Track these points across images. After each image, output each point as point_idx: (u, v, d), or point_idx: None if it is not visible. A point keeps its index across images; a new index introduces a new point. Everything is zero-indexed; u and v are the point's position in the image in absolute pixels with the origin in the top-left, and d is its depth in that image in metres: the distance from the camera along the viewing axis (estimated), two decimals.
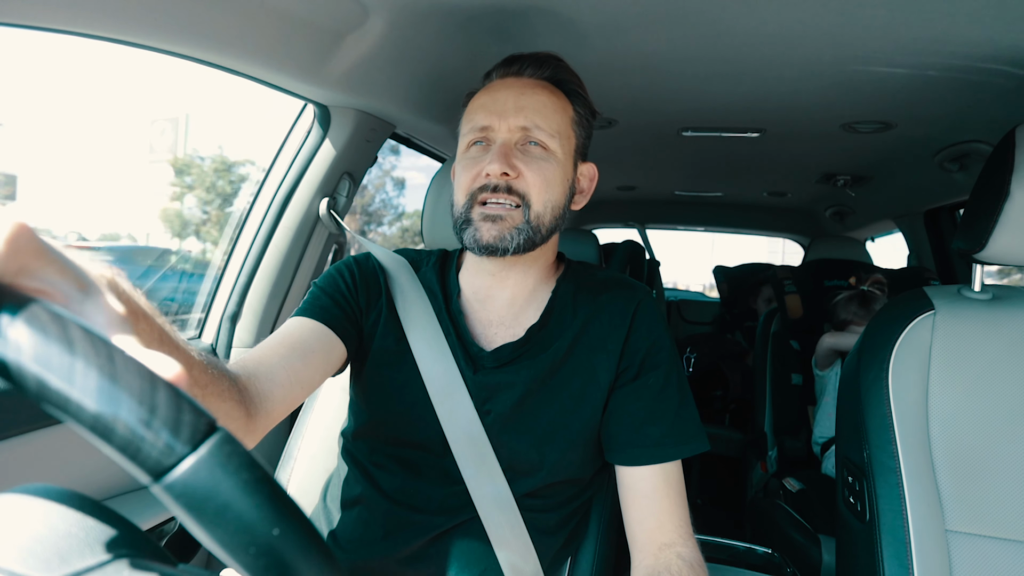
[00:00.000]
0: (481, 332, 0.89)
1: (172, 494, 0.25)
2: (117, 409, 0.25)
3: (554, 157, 0.84)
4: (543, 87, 0.86)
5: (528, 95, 0.84)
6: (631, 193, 3.27)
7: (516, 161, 0.82)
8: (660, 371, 0.86)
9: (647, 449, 0.83)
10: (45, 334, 0.25)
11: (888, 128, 1.62)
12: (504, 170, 0.80)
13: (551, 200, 0.84)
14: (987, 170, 0.97)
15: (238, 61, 1.02)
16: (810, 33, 1.06)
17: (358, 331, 0.88)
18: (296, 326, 0.81)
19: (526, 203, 0.82)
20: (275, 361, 0.74)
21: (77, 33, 0.82)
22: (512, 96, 0.84)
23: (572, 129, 0.87)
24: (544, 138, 0.83)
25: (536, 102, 0.84)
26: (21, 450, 0.90)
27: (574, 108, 0.89)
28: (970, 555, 0.91)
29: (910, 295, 1.03)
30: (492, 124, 0.84)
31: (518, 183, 0.82)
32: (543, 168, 0.83)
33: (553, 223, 0.85)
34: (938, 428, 0.95)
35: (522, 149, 0.83)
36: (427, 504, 0.86)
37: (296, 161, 1.40)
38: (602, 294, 0.90)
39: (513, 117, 0.83)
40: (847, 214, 3.02)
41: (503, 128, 0.83)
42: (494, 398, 0.85)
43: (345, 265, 0.91)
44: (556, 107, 0.85)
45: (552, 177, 0.83)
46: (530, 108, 0.83)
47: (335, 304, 0.85)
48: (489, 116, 0.84)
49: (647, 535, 0.81)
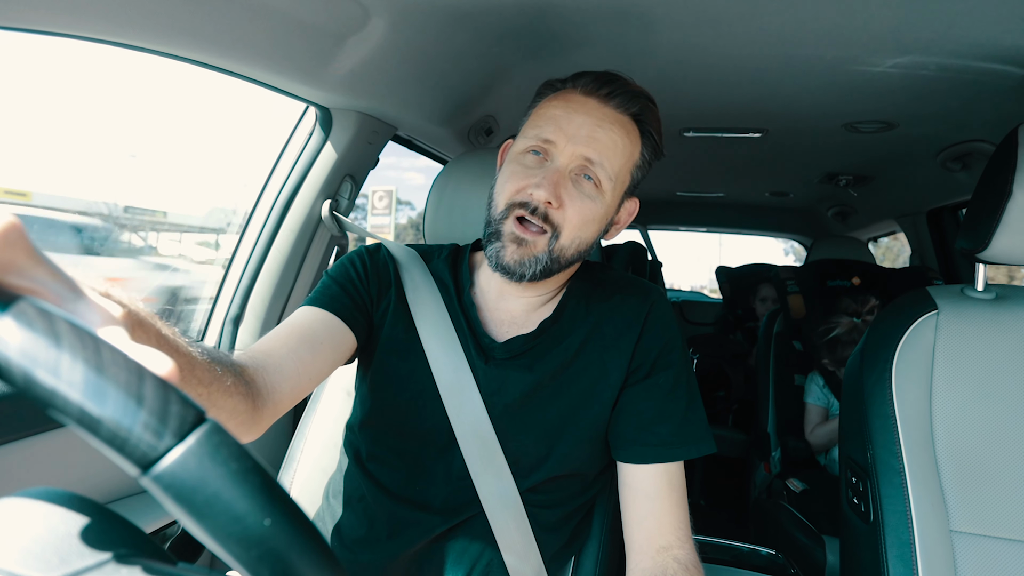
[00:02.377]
0: (493, 326, 0.89)
1: (160, 485, 0.25)
2: (103, 401, 0.25)
3: (602, 198, 0.82)
4: (621, 124, 0.82)
5: (605, 128, 0.81)
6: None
7: (562, 192, 0.80)
8: (671, 371, 0.86)
9: (653, 448, 0.83)
10: (31, 328, 0.25)
11: (890, 128, 1.62)
12: (549, 199, 0.78)
13: (581, 237, 0.82)
14: (989, 169, 0.97)
15: (240, 64, 1.02)
16: (811, 33, 1.06)
17: (368, 320, 0.88)
18: (306, 316, 0.81)
19: (555, 234, 0.80)
20: (284, 353, 0.74)
21: (79, 37, 0.83)
22: (588, 123, 0.80)
23: (631, 172, 0.86)
24: (602, 177, 0.81)
25: (609, 140, 0.80)
26: (24, 454, 0.90)
27: (642, 151, 0.86)
28: (974, 555, 0.90)
29: (913, 295, 1.03)
30: (558, 142, 0.80)
31: (556, 214, 0.80)
32: (586, 208, 0.81)
33: (575, 256, 0.84)
34: (942, 428, 0.94)
35: (574, 180, 0.81)
36: (431, 501, 0.86)
37: (298, 163, 1.40)
38: (615, 294, 0.91)
39: (583, 146, 0.80)
40: (849, 214, 3.01)
41: (567, 152, 0.80)
42: (503, 390, 0.85)
43: (356, 254, 0.91)
44: (625, 150, 0.82)
45: (591, 217, 0.82)
46: (601, 142, 0.80)
47: (345, 293, 0.85)
48: (558, 133, 0.81)
49: (645, 536, 0.81)
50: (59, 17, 0.76)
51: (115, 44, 0.88)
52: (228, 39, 0.94)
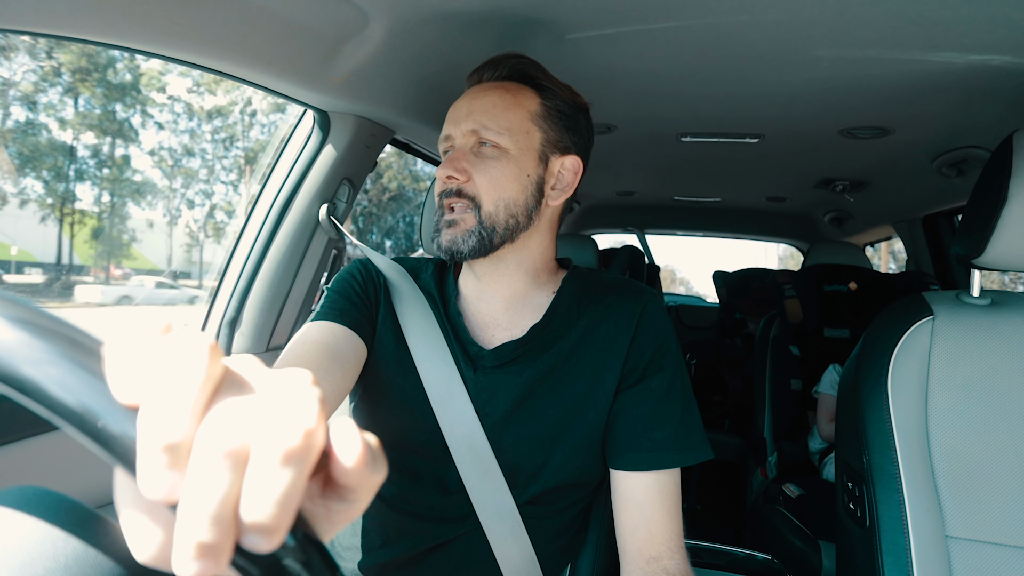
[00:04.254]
0: (480, 333, 0.88)
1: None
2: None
3: (506, 155, 0.83)
4: (496, 87, 0.86)
5: (479, 98, 0.85)
6: (630, 198, 3.27)
7: (466, 164, 0.83)
8: (665, 374, 0.85)
9: (649, 454, 0.81)
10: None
11: (886, 134, 1.62)
12: (449, 174, 0.83)
13: (503, 198, 0.83)
14: (985, 175, 0.97)
15: (239, 67, 1.02)
16: (808, 39, 1.07)
17: (373, 329, 0.88)
18: (323, 332, 0.80)
19: (476, 204, 0.83)
20: (320, 375, 0.72)
21: (79, 39, 0.83)
22: (465, 102, 0.86)
23: (533, 123, 0.85)
24: (492, 136, 0.83)
25: (485, 103, 0.84)
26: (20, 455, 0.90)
27: (541, 102, 0.87)
28: (970, 561, 0.90)
29: (909, 300, 1.03)
30: (451, 133, 0.86)
31: (468, 186, 0.83)
32: (491, 167, 0.83)
33: (510, 220, 0.84)
34: (938, 433, 0.95)
35: (476, 151, 0.84)
36: (427, 512, 0.85)
37: (296, 167, 1.40)
38: (608, 296, 0.90)
39: (464, 122, 0.84)
40: (846, 219, 3.02)
41: (458, 135, 0.85)
42: (495, 398, 0.84)
43: (355, 268, 0.93)
44: (508, 104, 0.84)
45: (502, 175, 0.83)
46: (479, 111, 0.84)
47: (354, 306, 0.86)
48: (448, 126, 0.87)
49: (637, 547, 0.80)
50: (59, 19, 0.76)
51: (115, 47, 0.88)
52: (227, 42, 0.94)
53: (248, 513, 0.22)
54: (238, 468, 0.23)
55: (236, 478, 0.23)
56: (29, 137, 9.71)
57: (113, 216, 10.92)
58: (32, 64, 8.97)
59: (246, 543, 0.23)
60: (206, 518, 0.22)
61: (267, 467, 0.23)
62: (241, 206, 4.52)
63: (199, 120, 10.67)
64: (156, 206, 11.08)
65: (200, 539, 0.22)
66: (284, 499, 0.23)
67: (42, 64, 9.14)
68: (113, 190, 10.81)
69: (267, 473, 0.23)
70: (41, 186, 9.88)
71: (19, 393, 0.24)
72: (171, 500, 0.22)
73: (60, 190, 10.07)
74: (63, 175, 10.08)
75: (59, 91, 9.51)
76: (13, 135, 9.60)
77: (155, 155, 10.84)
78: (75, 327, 0.25)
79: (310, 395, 0.25)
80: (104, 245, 10.44)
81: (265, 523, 0.22)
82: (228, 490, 0.22)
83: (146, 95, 10.17)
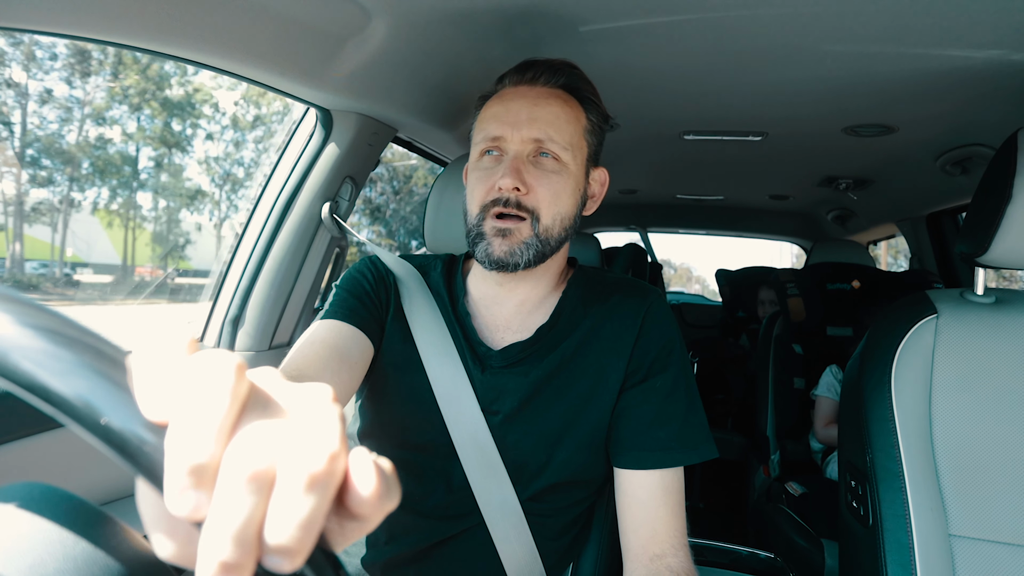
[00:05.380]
0: (489, 334, 0.89)
1: None
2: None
3: (566, 169, 0.83)
4: (556, 96, 0.85)
5: (542, 106, 0.83)
6: (633, 197, 3.27)
7: (527, 176, 0.81)
8: (669, 374, 0.85)
9: (653, 453, 0.81)
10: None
11: (890, 132, 1.62)
12: (516, 185, 0.80)
13: (560, 212, 0.83)
14: (989, 173, 0.97)
15: (241, 65, 1.02)
16: (811, 37, 1.06)
17: (381, 330, 0.88)
18: (330, 331, 0.80)
19: (535, 217, 0.82)
20: (327, 377, 0.72)
21: (81, 37, 0.83)
22: (526, 107, 0.83)
23: (585, 138, 0.86)
24: (557, 150, 0.82)
25: (549, 113, 0.82)
26: (23, 453, 0.90)
27: (587, 116, 0.87)
28: (973, 560, 0.90)
29: (913, 299, 1.03)
30: (505, 135, 0.83)
31: (528, 199, 0.81)
32: (554, 182, 0.82)
33: (563, 234, 0.85)
34: (941, 432, 0.94)
35: (534, 161, 0.82)
36: (432, 510, 0.85)
37: (298, 165, 1.40)
38: (613, 296, 0.90)
39: (527, 128, 0.81)
40: (849, 217, 3.01)
41: (516, 139, 0.82)
42: (501, 398, 0.84)
43: (363, 265, 0.92)
44: (569, 117, 0.84)
45: (563, 190, 0.83)
46: (543, 119, 0.82)
47: (362, 305, 0.86)
48: (502, 127, 0.83)
49: (640, 544, 0.80)
50: (61, 17, 0.76)
51: (117, 45, 0.88)
52: (230, 40, 0.94)
53: (272, 536, 0.23)
54: (263, 491, 0.23)
55: (261, 501, 0.23)
56: (98, 150, 10.72)
57: (169, 220, 11.90)
58: (103, 83, 9.90)
59: (268, 563, 0.23)
60: (230, 538, 0.22)
61: (292, 491, 0.23)
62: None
63: (242, 131, 11.60)
64: (203, 211, 12.00)
65: (223, 558, 0.22)
66: (307, 523, 0.23)
67: (111, 84, 10.03)
68: (169, 196, 11.67)
69: (292, 497, 0.23)
70: (108, 193, 10.94)
71: (43, 402, 0.24)
72: (197, 519, 0.23)
73: (124, 198, 11.14)
74: (127, 184, 11.13)
75: (125, 108, 10.48)
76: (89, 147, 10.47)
77: (203, 163, 11.75)
78: (100, 337, 0.26)
79: (332, 416, 0.26)
80: (160, 247, 11.46)
81: (288, 546, 0.23)
82: (252, 512, 0.23)
83: (200, 110, 10.97)
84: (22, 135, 9.47)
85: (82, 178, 10.15)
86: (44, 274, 8.83)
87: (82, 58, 9.08)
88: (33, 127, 9.50)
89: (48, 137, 9.79)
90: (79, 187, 10.16)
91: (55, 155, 9.81)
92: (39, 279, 8.51)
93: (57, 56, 8.91)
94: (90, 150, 10.33)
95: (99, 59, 9.40)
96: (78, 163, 10.06)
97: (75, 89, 9.43)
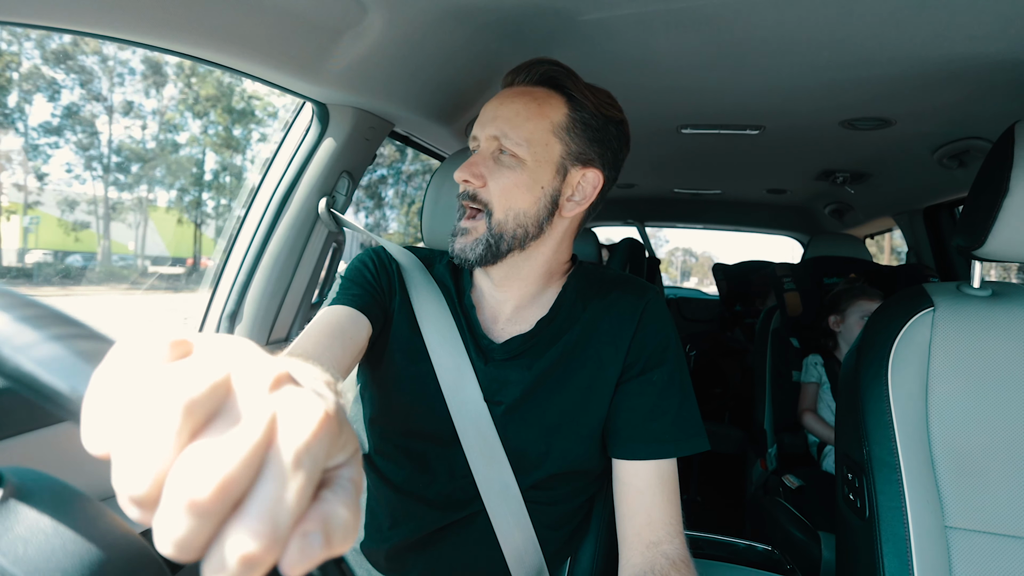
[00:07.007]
0: (491, 326, 0.91)
1: None
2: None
3: (522, 165, 0.83)
4: (523, 95, 0.85)
5: (506, 105, 0.85)
6: (630, 191, 3.27)
7: (483, 170, 0.84)
8: (665, 368, 0.87)
9: (647, 444, 0.84)
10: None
11: (887, 125, 1.62)
12: (464, 177, 0.84)
13: (513, 208, 0.84)
14: (986, 166, 0.97)
15: (236, 59, 1.02)
16: (809, 30, 1.06)
17: (385, 314, 0.90)
18: (330, 314, 0.83)
19: (488, 211, 0.84)
20: (320, 352, 0.75)
21: (76, 31, 0.82)
22: (493, 107, 0.86)
23: (554, 135, 0.84)
24: (511, 146, 0.83)
25: (509, 111, 0.84)
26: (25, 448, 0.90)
27: (567, 113, 0.85)
28: (969, 551, 0.91)
29: (909, 292, 1.03)
30: (477, 135, 0.87)
31: (482, 192, 0.84)
32: (506, 176, 0.84)
33: (520, 231, 0.85)
34: (938, 425, 0.95)
35: (495, 158, 0.85)
36: (435, 497, 0.87)
37: (295, 159, 1.40)
38: (612, 291, 0.92)
39: (489, 127, 0.85)
40: (846, 211, 3.02)
41: (483, 138, 0.86)
42: (504, 390, 0.86)
43: (367, 256, 0.94)
44: (531, 114, 0.84)
45: (515, 185, 0.83)
46: (502, 117, 0.84)
47: (365, 291, 0.88)
48: (476, 127, 0.88)
49: (636, 532, 0.82)
50: (56, 11, 0.76)
51: (111, 39, 0.87)
52: (225, 34, 0.93)
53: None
54: (204, 517, 0.22)
55: (203, 525, 0.22)
56: (172, 154, 12.00)
57: (230, 217, 13.32)
58: (176, 93, 11.34)
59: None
60: (174, 551, 0.22)
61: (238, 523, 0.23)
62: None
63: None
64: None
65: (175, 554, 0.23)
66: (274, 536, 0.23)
67: (184, 95, 11.44)
68: (231, 196, 12.73)
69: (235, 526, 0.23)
70: (176, 193, 12.28)
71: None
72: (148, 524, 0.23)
73: (191, 196, 12.51)
74: (198, 183, 12.48)
75: (192, 115, 11.82)
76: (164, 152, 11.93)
77: (254, 163, 12.95)
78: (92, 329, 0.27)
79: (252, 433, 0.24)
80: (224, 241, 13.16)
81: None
82: (192, 535, 0.22)
83: (260, 116, 12.10)
84: (108, 142, 10.84)
85: (156, 180, 11.54)
86: (127, 266, 9.93)
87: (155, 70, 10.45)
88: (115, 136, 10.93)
89: (129, 144, 11.14)
90: (152, 188, 11.61)
91: (135, 159, 11.14)
92: (126, 271, 9.66)
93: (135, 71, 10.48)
94: (166, 155, 11.72)
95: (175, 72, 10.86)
96: (154, 166, 11.44)
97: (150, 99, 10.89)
